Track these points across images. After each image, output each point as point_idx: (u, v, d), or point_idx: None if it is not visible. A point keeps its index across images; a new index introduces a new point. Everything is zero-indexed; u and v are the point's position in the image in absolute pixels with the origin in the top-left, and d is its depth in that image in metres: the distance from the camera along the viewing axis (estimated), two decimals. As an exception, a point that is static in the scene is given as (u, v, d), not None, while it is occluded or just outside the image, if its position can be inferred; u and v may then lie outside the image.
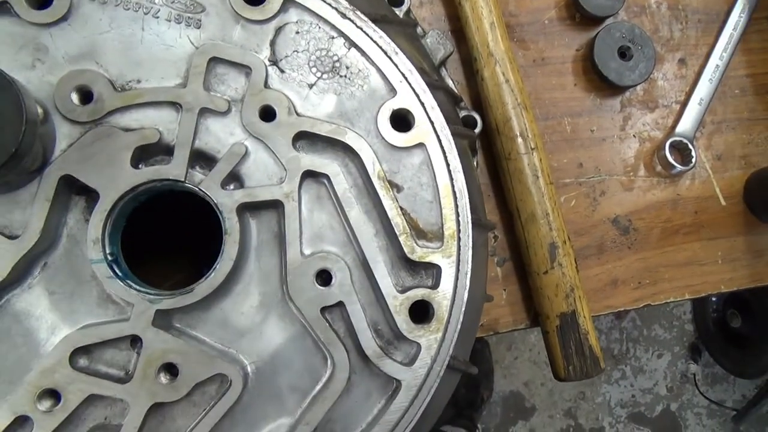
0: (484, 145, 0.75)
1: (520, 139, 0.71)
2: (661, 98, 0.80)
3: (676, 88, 0.81)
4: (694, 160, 0.77)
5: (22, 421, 0.37)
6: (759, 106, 0.82)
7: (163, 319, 0.39)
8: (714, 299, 2.26)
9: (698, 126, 0.79)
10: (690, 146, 0.78)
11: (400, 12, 0.65)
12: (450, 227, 0.42)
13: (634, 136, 0.79)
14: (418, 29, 0.68)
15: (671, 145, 0.78)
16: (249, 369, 0.40)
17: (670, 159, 0.77)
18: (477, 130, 0.70)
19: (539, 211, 0.70)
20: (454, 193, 0.42)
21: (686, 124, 0.79)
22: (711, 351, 2.31)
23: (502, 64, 0.72)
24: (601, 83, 0.78)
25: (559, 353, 0.70)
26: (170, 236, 0.45)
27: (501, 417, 2.19)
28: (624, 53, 0.77)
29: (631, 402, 2.32)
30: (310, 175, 0.41)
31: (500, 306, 0.74)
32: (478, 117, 0.70)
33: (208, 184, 0.39)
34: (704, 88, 0.80)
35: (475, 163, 0.70)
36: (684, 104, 0.80)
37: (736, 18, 0.82)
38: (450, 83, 0.70)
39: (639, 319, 2.35)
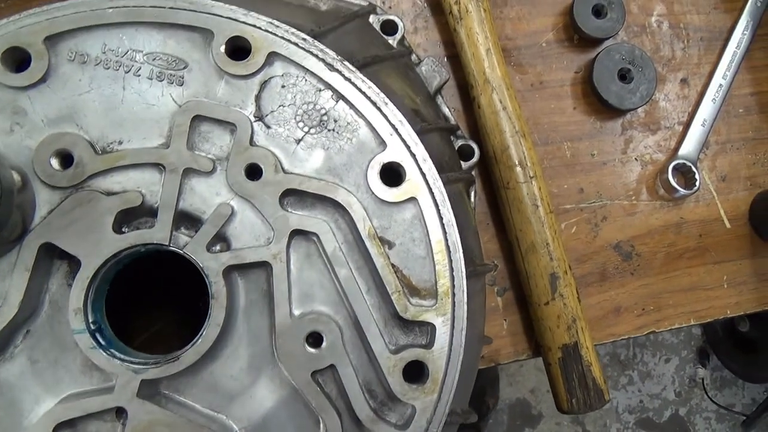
0: (482, 173, 0.74)
1: (518, 168, 0.69)
2: (663, 120, 0.79)
3: (679, 109, 0.79)
4: (697, 183, 0.76)
5: (7, 497, 0.36)
6: (764, 125, 0.80)
7: (148, 389, 0.38)
8: (721, 303, 2.23)
9: (702, 147, 0.78)
10: (693, 169, 0.76)
11: (393, 40, 0.63)
12: (444, 284, 0.41)
13: (635, 159, 0.77)
14: (413, 57, 0.67)
15: (674, 168, 0.76)
16: (239, 435, 0.39)
17: (673, 183, 0.75)
18: (474, 159, 0.68)
19: (539, 240, 0.69)
20: (448, 247, 0.41)
21: (689, 146, 0.78)
22: (719, 355, 2.29)
23: (499, 91, 0.71)
24: (601, 106, 0.77)
25: (562, 386, 0.69)
26: (151, 289, 0.44)
27: (507, 425, 2.17)
28: (624, 76, 0.75)
29: (639, 407, 2.30)
30: (299, 233, 0.40)
31: (501, 337, 0.73)
32: (475, 146, 0.68)
33: (193, 247, 0.38)
34: (707, 108, 0.78)
35: (472, 193, 0.69)
36: (687, 125, 0.78)
37: (740, 35, 0.80)
38: (446, 111, 0.68)
39: (646, 324, 2.32)
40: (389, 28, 0.63)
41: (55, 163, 0.37)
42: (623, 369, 2.30)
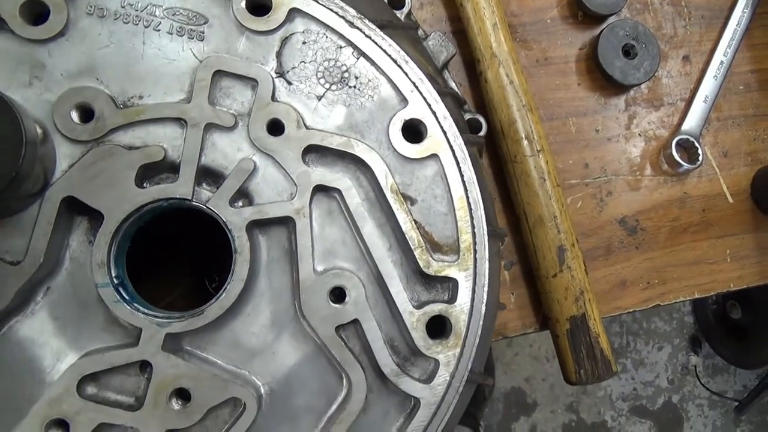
0: (488, 147, 0.74)
1: (525, 142, 0.70)
2: (666, 96, 0.79)
3: (681, 86, 0.80)
4: (700, 158, 0.76)
5: (30, 452, 0.35)
6: (764, 102, 0.81)
7: (172, 343, 0.37)
8: (713, 291, 2.25)
9: (704, 123, 0.78)
10: (696, 144, 0.77)
11: (401, 15, 0.63)
12: (466, 240, 0.41)
13: (639, 135, 0.78)
14: (419, 32, 0.67)
15: (677, 144, 0.77)
16: (262, 391, 0.39)
17: (677, 157, 0.76)
18: (482, 133, 0.68)
19: (547, 214, 0.69)
20: (469, 204, 0.41)
21: (692, 121, 0.78)
22: (711, 342, 2.32)
23: (506, 65, 0.71)
24: (605, 82, 0.77)
25: (570, 357, 0.69)
26: (170, 251, 0.44)
27: (503, 413, 2.18)
28: (628, 51, 0.75)
29: (632, 395, 2.32)
30: (320, 189, 0.40)
31: (509, 310, 0.73)
32: (482, 120, 0.68)
33: (216, 202, 0.38)
34: (709, 85, 0.79)
35: (480, 166, 0.69)
36: (689, 102, 0.79)
37: (740, 13, 0.81)
38: (453, 86, 0.68)
39: (639, 313, 2.34)
40: (397, 2, 0.63)
41: (75, 117, 0.37)
42: (617, 357, 2.32)
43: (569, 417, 2.27)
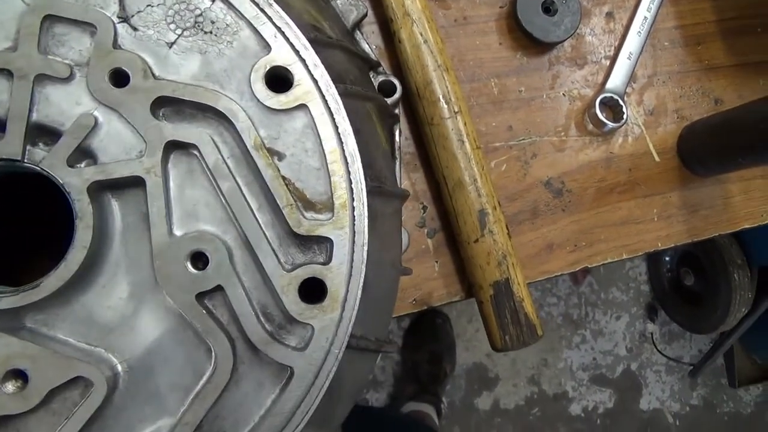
0: (407, 111, 0.71)
1: (442, 103, 0.67)
2: (590, 54, 0.77)
3: (605, 43, 0.78)
4: (625, 116, 0.75)
5: None
6: (689, 58, 0.80)
7: (8, 321, 0.33)
8: (667, 258, 2.29)
9: (628, 81, 0.77)
10: (621, 102, 0.75)
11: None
12: (341, 196, 0.38)
13: (563, 95, 0.76)
14: (328, -10, 0.63)
15: (602, 102, 0.75)
16: (119, 368, 0.36)
17: (601, 117, 0.74)
18: (396, 96, 0.65)
19: (467, 177, 0.67)
20: (345, 158, 0.38)
21: (616, 79, 0.77)
22: (667, 310, 2.36)
23: (420, 23, 0.68)
24: (527, 41, 0.75)
25: (495, 323, 0.68)
26: (36, 231, 0.40)
27: (465, 389, 2.19)
28: (548, 8, 0.73)
29: (592, 365, 2.36)
30: (176, 146, 0.36)
31: (433, 279, 0.71)
32: (396, 81, 0.65)
33: (50, 161, 0.34)
34: (633, 41, 0.77)
35: (397, 131, 0.66)
36: (613, 59, 0.77)
37: (662, -33, 0.79)
38: (366, 48, 0.65)
39: (596, 284, 2.37)
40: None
41: None
42: (576, 328, 2.34)
43: (531, 390, 2.30)
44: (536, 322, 0.68)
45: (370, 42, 0.70)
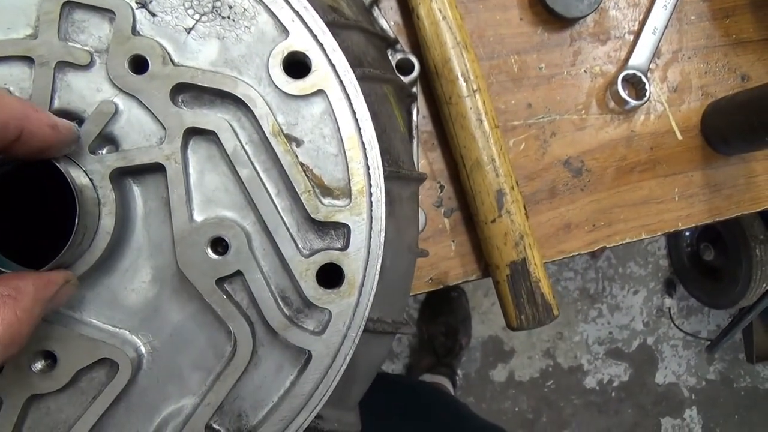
0: (425, 90, 0.70)
1: (461, 81, 0.66)
2: (614, 29, 0.75)
3: (629, 18, 0.76)
4: (647, 94, 0.73)
5: None
6: (716, 32, 0.78)
7: (36, 304, 0.35)
8: (687, 234, 2.27)
9: (653, 57, 0.75)
10: (644, 79, 0.74)
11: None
12: (358, 182, 0.38)
13: (585, 71, 0.75)
14: (344, -35, 0.62)
15: (624, 79, 0.74)
16: (143, 350, 0.37)
17: (623, 94, 0.73)
18: (414, 74, 0.65)
19: (485, 157, 0.66)
20: (363, 144, 0.38)
21: (640, 55, 0.75)
22: (685, 284, 2.34)
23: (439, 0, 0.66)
24: (548, 16, 0.73)
25: (511, 303, 0.68)
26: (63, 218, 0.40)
27: (480, 362, 2.22)
28: (571, -19, 0.71)
29: (608, 339, 2.36)
30: (196, 132, 0.37)
31: (449, 258, 0.71)
32: (414, 59, 0.64)
33: (74, 149, 0.34)
34: (659, 15, 0.75)
35: (414, 110, 0.66)
36: (637, 35, 0.75)
37: (692, -64, 0.76)
38: (384, 24, 0.64)
39: (614, 258, 2.36)
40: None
41: None
42: (593, 302, 2.34)
43: (546, 362, 2.31)
44: (552, 302, 0.68)
45: (388, 18, 0.69)
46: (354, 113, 0.38)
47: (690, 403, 2.37)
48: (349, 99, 0.38)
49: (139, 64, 0.35)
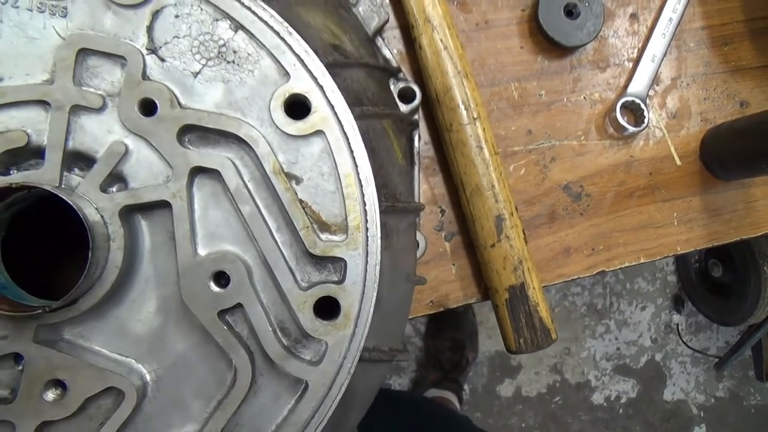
0: (428, 118, 0.72)
1: (461, 109, 0.68)
2: (613, 57, 0.77)
3: (628, 45, 0.77)
4: (646, 120, 0.75)
5: None
6: (715, 59, 0.79)
7: (47, 334, 0.37)
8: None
9: (651, 84, 0.76)
10: (642, 106, 0.75)
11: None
12: (355, 218, 0.39)
13: (584, 98, 0.76)
14: (350, -3, 0.64)
15: (623, 106, 0.75)
16: (148, 378, 0.39)
17: (622, 121, 0.74)
18: (416, 102, 0.66)
19: (484, 183, 0.68)
20: (359, 181, 0.40)
21: (639, 82, 0.76)
22: (694, 301, 2.33)
23: (440, 30, 0.68)
24: (548, 45, 0.75)
25: (510, 326, 0.69)
26: (68, 245, 0.43)
27: (488, 377, 2.21)
28: (571, 11, 0.73)
29: (616, 355, 2.35)
30: (201, 171, 0.39)
31: (450, 281, 0.72)
32: (416, 88, 0.66)
33: (86, 187, 0.36)
34: (657, 43, 0.77)
35: (416, 137, 0.68)
36: (636, 62, 0.76)
37: (690, -34, 0.78)
38: (387, 53, 0.66)
39: (622, 273, 2.35)
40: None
41: (-69, 103, 0.35)
42: (600, 318, 2.34)
43: (553, 378, 2.31)
44: (551, 326, 0.69)
45: (391, 47, 0.71)
46: (351, 152, 0.40)
47: (699, 420, 2.35)
48: (347, 138, 0.40)
49: (148, 107, 0.37)
